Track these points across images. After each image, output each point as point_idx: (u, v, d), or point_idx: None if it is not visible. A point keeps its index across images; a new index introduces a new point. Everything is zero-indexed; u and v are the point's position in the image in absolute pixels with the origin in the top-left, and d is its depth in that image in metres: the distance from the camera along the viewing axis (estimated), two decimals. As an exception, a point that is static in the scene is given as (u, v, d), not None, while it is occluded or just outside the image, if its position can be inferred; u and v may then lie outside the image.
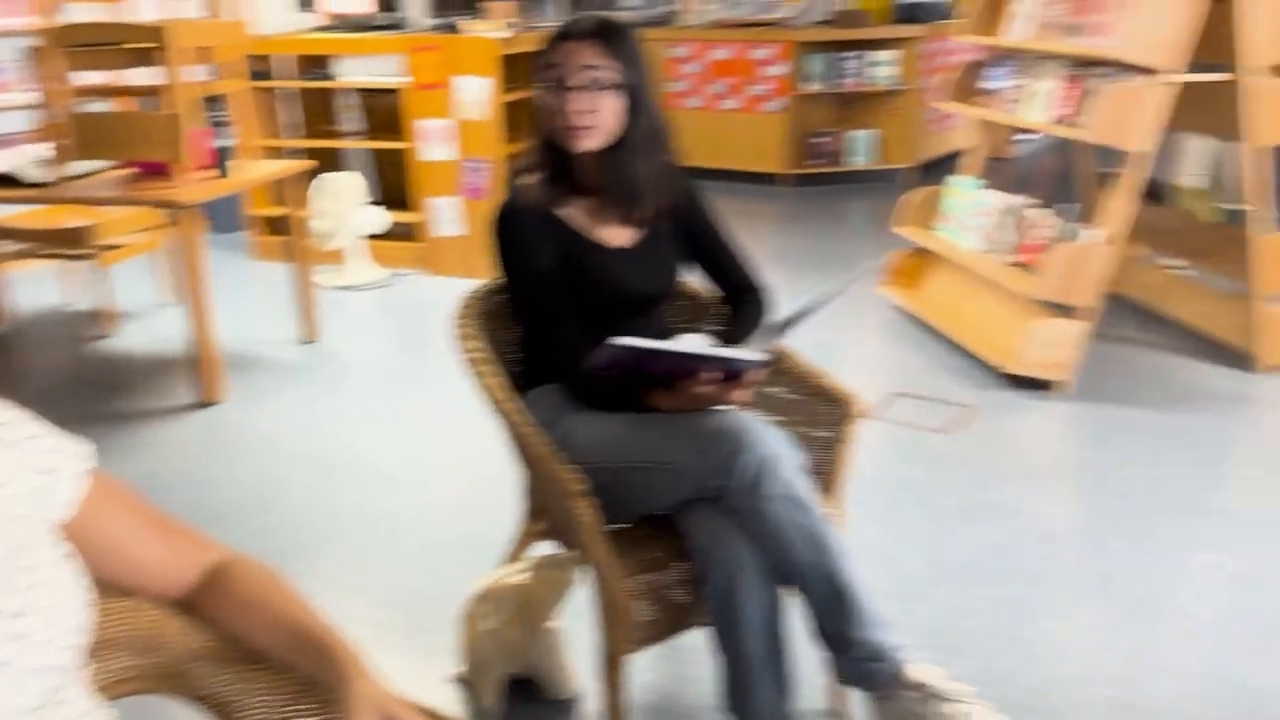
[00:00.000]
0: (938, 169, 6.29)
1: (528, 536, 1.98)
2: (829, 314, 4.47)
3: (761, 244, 5.75)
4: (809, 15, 7.08)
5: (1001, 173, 7.54)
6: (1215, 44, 3.45)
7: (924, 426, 3.35)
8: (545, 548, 1.98)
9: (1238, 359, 3.79)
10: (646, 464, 1.70)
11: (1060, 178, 4.68)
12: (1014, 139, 7.71)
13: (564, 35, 1.78)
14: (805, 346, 1.94)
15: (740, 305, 2.04)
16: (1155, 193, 4.12)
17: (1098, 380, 3.64)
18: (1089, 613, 2.34)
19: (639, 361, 1.68)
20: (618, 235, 1.91)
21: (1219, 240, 3.82)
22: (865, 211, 6.49)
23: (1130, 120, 3.26)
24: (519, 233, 1.83)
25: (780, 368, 2.01)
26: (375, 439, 3.33)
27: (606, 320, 1.83)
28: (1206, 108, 3.68)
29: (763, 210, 6.57)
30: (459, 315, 1.88)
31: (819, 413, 1.97)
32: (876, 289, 4.56)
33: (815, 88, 6.88)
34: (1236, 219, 3.70)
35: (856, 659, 1.63)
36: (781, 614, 1.70)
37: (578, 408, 1.83)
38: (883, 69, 6.84)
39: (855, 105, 7.06)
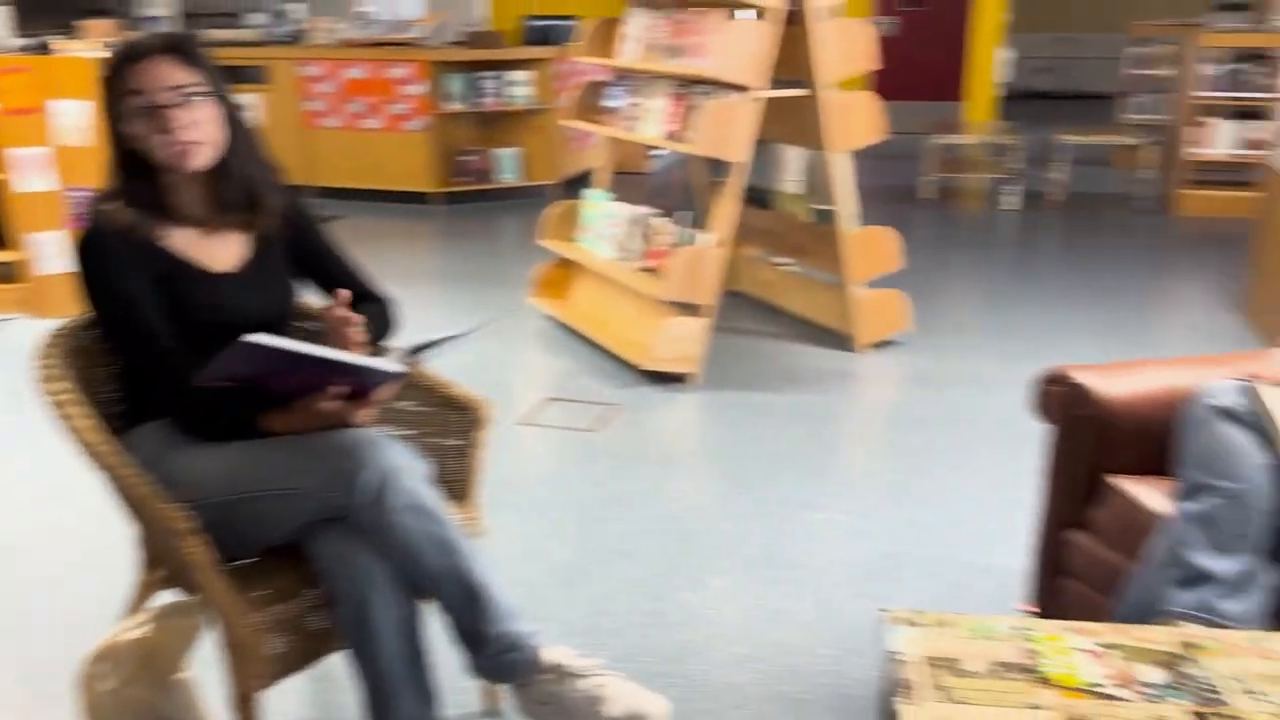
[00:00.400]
0: (582, 183, 6.58)
1: (147, 587, 1.86)
2: (486, 329, 4.56)
3: (417, 263, 5.75)
4: (441, 35, 7.16)
5: (638, 185, 8.06)
6: (795, 64, 3.92)
7: (574, 427, 3.52)
8: (167, 596, 1.87)
9: (839, 341, 4.31)
10: (264, 492, 1.66)
11: (686, 188, 5.08)
12: (650, 153, 8.24)
13: (133, 57, 1.70)
14: (463, 360, 1.98)
15: (365, 308, 2.01)
16: (761, 198, 4.59)
17: (723, 370, 4.00)
18: (721, 579, 2.57)
19: (263, 372, 1.63)
20: (224, 259, 1.85)
21: (815, 238, 4.32)
22: (516, 227, 6.66)
23: (727, 133, 3.61)
24: (106, 260, 1.72)
25: (407, 380, 2.04)
26: (-24, 507, 2.96)
27: (218, 349, 1.77)
28: (792, 120, 4.16)
29: (416, 229, 6.55)
30: (41, 355, 1.73)
31: (450, 422, 2.01)
32: (527, 300, 4.70)
33: (457, 107, 6.96)
34: (827, 218, 4.20)
35: (494, 653, 1.70)
36: (419, 625, 1.72)
37: (185, 442, 1.75)
38: (520, 89, 7.05)
39: (498, 124, 7.23)
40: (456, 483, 1.97)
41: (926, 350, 4.23)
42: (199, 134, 1.72)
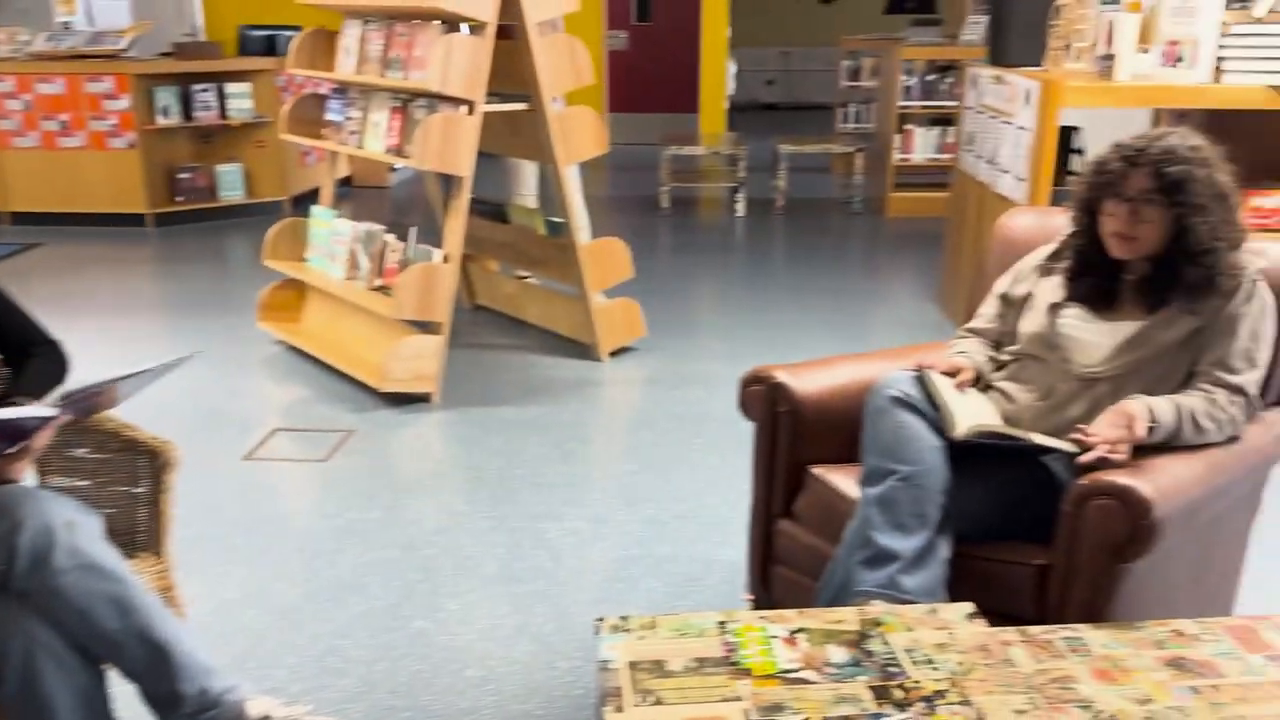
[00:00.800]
0: (313, 199, 6.31)
1: None
2: (207, 357, 4.29)
3: (131, 291, 5.31)
4: (150, 46, 6.67)
5: (381, 199, 7.85)
6: (518, 78, 3.93)
7: (304, 458, 3.36)
8: None
9: (580, 350, 4.36)
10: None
11: (427, 203, 4.98)
12: (392, 167, 8.04)
13: None
14: (182, 394, 1.81)
15: (27, 361, 1.82)
16: (499, 212, 4.57)
17: (464, 387, 3.95)
18: (458, 602, 2.52)
19: None
20: None
21: (551, 250, 4.35)
22: (244, 247, 6.29)
23: (449, 147, 3.57)
24: None
25: (84, 426, 1.86)
26: None
27: None
28: (517, 134, 4.17)
29: (129, 254, 6.05)
30: None
31: (135, 467, 1.86)
32: (257, 325, 4.45)
33: (170, 121, 6.50)
34: (560, 231, 4.24)
35: (191, 714, 1.58)
36: (104, 695, 1.58)
37: None
38: (240, 101, 6.68)
39: (218, 139, 6.81)
40: (146, 532, 1.82)
41: (662, 354, 4.35)
42: None
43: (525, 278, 4.83)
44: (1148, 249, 1.91)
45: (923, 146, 7.07)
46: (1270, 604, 2.45)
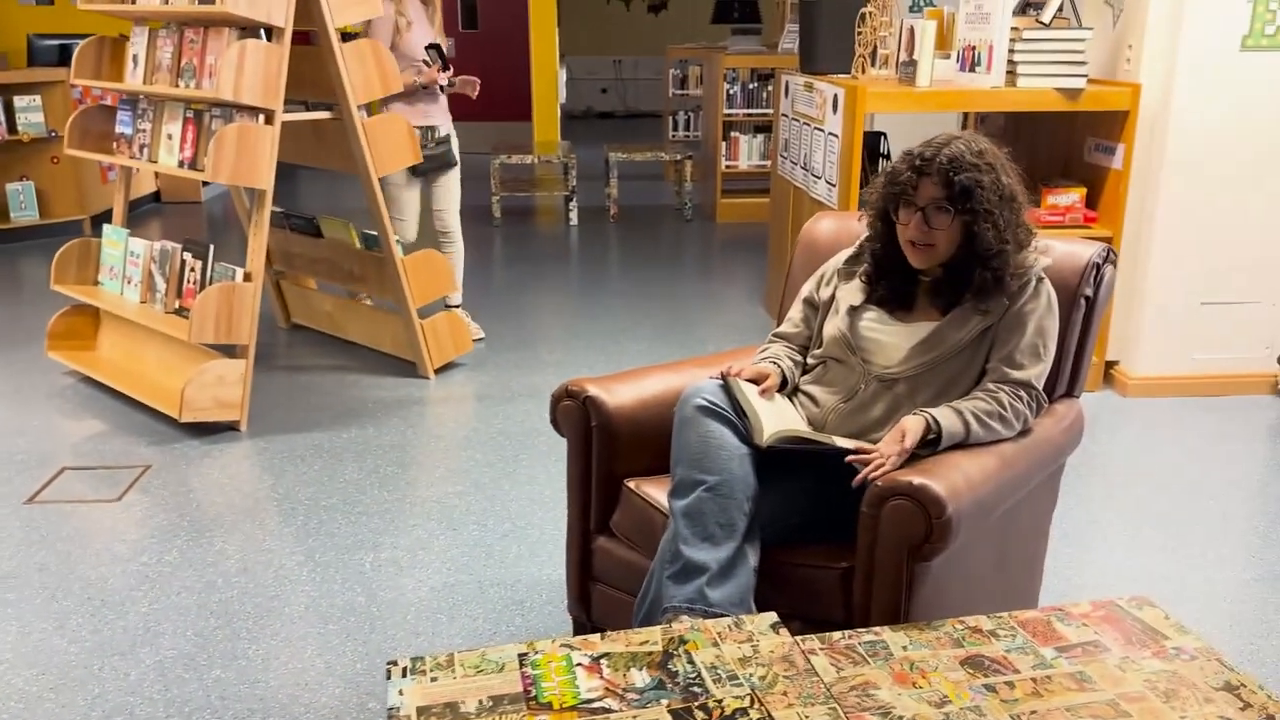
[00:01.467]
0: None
1: None
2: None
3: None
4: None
5: (192, 215, 7.43)
6: (321, 86, 3.75)
7: (94, 499, 3.09)
8: None
9: (405, 368, 4.20)
10: None
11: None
12: (205, 182, 7.61)
13: None
14: None
15: None
16: (312, 226, 4.35)
17: (277, 413, 3.74)
18: (261, 646, 2.35)
19: None
20: None
21: (370, 265, 4.18)
22: (38, 271, 5.81)
23: (245, 159, 3.36)
24: None
25: None
26: None
27: None
28: (324, 144, 3.99)
29: (-97, 284, 5.50)
30: None
31: None
32: (46, 355, 4.10)
33: (-54, 138, 5.95)
34: (376, 244, 4.07)
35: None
36: None
37: None
38: (31, 115, 6.19)
39: (8, 155, 6.28)
40: None
41: (492, 369, 4.24)
42: None
43: (344, 295, 4.64)
44: (943, 255, 1.94)
45: (748, 153, 7.20)
46: (1074, 593, 2.56)
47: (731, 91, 7.14)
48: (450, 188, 4.47)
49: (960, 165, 1.89)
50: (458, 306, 4.53)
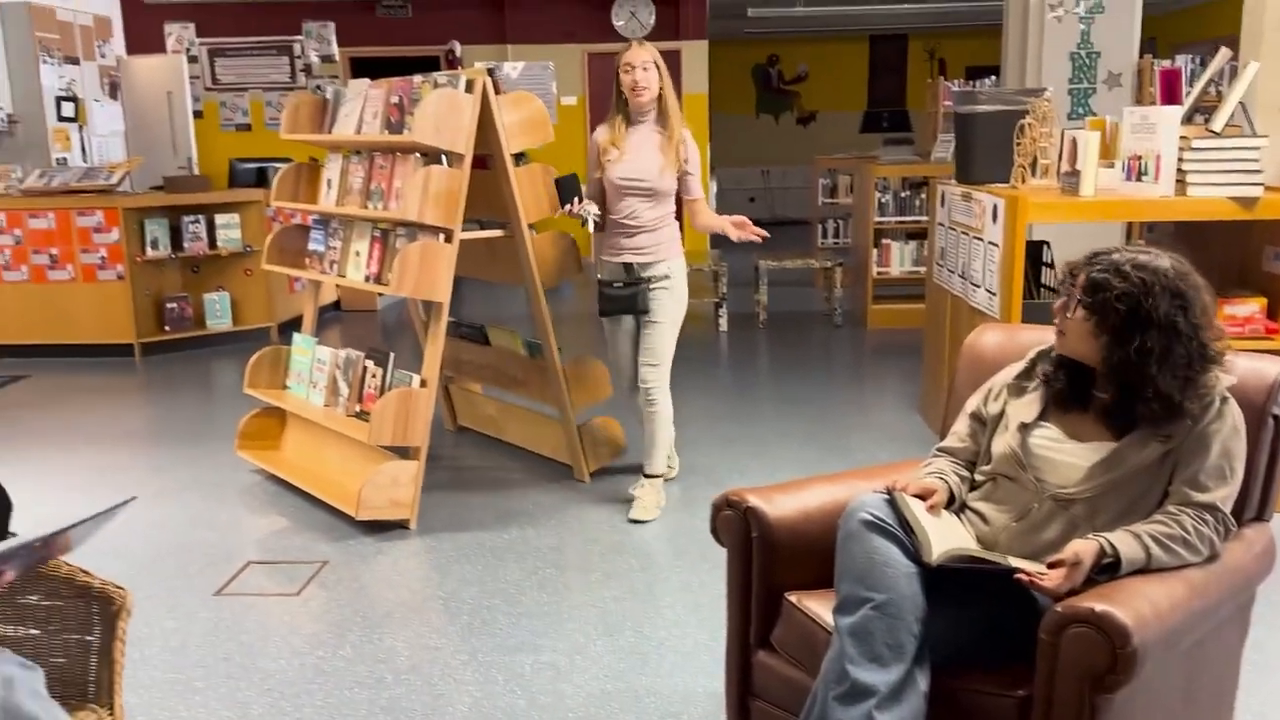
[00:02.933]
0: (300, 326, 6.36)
1: None
2: (185, 487, 4.23)
3: (112, 421, 5.28)
4: (140, 180, 6.81)
5: (369, 324, 7.90)
6: (493, 205, 4.00)
7: (276, 592, 3.28)
8: None
9: (562, 472, 4.32)
10: None
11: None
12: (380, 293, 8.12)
13: None
14: (156, 526, 1.75)
15: None
16: (480, 334, 4.59)
17: (443, 512, 3.89)
18: (428, 744, 2.42)
19: None
20: None
21: (533, 371, 4.35)
22: (231, 374, 6.30)
23: (426, 274, 3.60)
24: None
25: (37, 572, 1.81)
26: None
27: None
28: (495, 259, 4.22)
29: (118, 384, 6.05)
30: None
31: (85, 615, 1.80)
32: (234, 453, 4.41)
33: (159, 253, 6.59)
34: (538, 351, 4.25)
35: None
36: None
37: None
38: (229, 232, 6.79)
39: (207, 268, 6.90)
40: (92, 684, 1.75)
41: (646, 474, 4.31)
42: None
43: (505, 399, 4.83)
44: (1074, 350, 1.94)
45: (900, 260, 7.18)
46: (1269, 726, 2.37)
47: (883, 199, 7.18)
48: (652, 337, 3.79)
49: (1108, 273, 1.88)
50: (658, 477, 3.93)
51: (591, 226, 3.76)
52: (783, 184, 14.43)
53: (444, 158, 3.76)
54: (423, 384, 3.72)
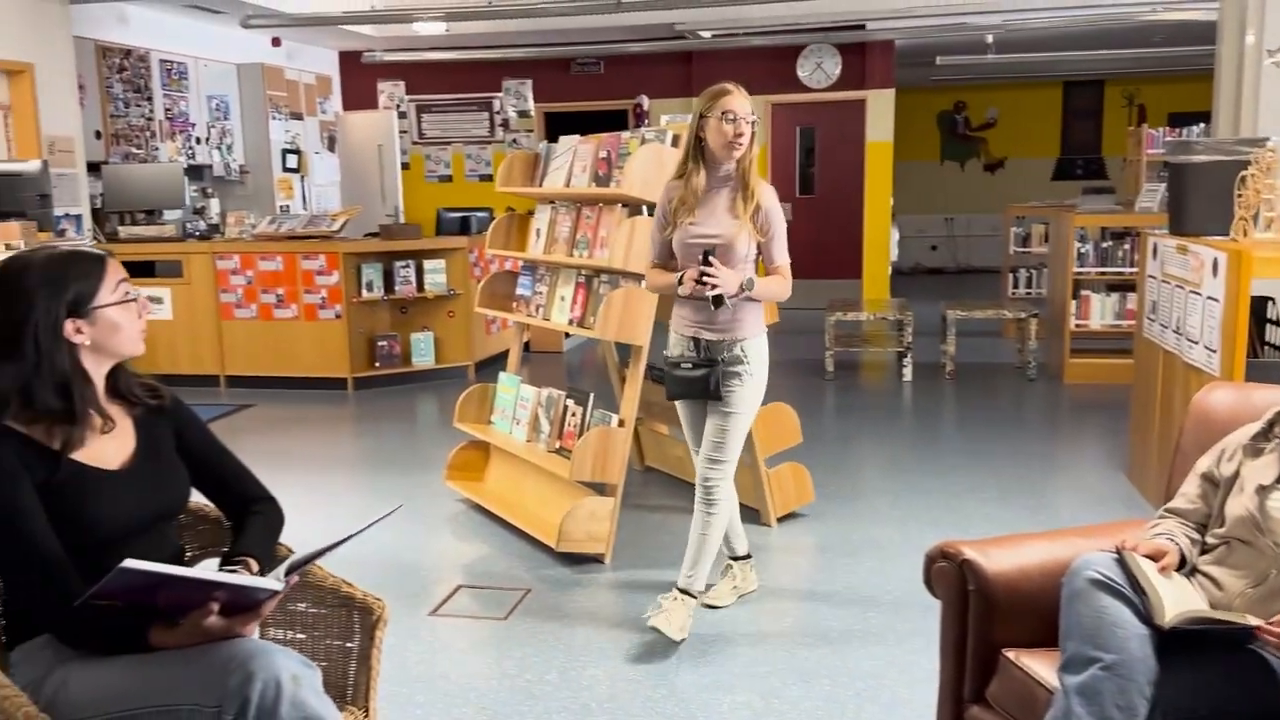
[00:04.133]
0: (495, 364, 6.71)
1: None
2: (401, 515, 4.52)
3: (331, 448, 5.71)
4: (356, 228, 7.36)
5: (556, 364, 8.21)
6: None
7: (485, 615, 3.46)
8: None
9: (748, 515, 4.36)
10: (151, 708, 1.61)
11: (602, 368, 5.19)
12: (566, 334, 8.45)
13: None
14: (377, 546, 1.94)
15: (250, 516, 2.01)
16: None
17: (635, 548, 4.01)
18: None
19: (148, 590, 1.61)
20: (114, 456, 1.84)
21: (722, 414, 4.44)
22: (431, 408, 6.69)
23: (629, 319, 3.76)
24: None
25: (305, 581, 2.02)
26: None
27: (108, 548, 1.75)
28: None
29: (336, 414, 6.53)
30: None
31: (348, 623, 1.99)
32: (444, 483, 4.69)
33: (373, 295, 7.09)
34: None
35: None
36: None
37: (71, 657, 1.70)
38: (434, 276, 7.24)
39: (414, 310, 7.37)
40: (351, 687, 1.93)
41: (832, 520, 4.31)
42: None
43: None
44: None
45: (1101, 312, 6.90)
46: None
47: (1083, 249, 6.94)
48: (721, 429, 3.19)
49: None
50: (745, 558, 3.58)
51: (713, 304, 3.03)
52: (967, 232, 14.09)
53: (644, 208, 3.93)
54: (620, 423, 3.87)
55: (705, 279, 2.97)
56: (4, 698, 1.53)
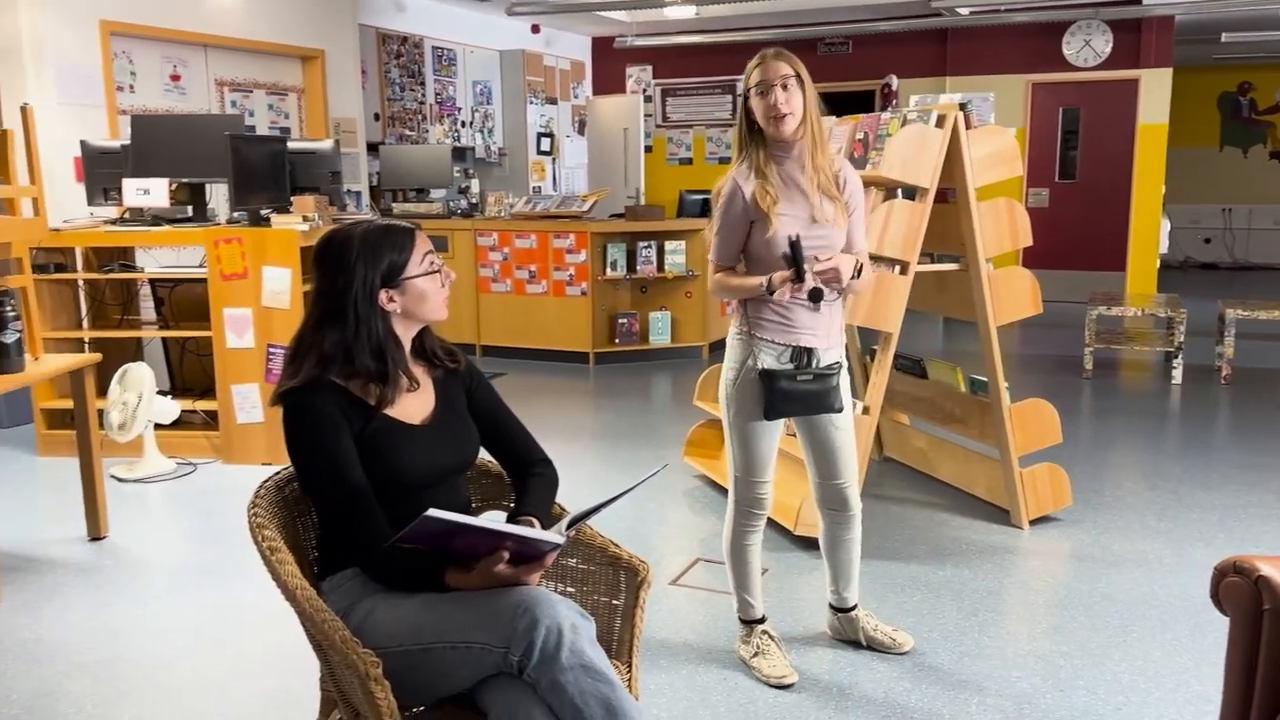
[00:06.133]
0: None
1: (326, 726, 1.97)
2: (641, 487, 4.67)
3: (575, 419, 5.97)
4: (603, 209, 7.62)
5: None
6: (948, 239, 4.01)
7: (724, 590, 3.52)
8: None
9: (995, 514, 4.20)
10: (445, 644, 1.76)
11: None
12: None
13: None
14: (619, 516, 2.04)
15: (531, 477, 2.14)
16: (917, 367, 4.61)
17: (872, 540, 3.94)
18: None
19: (446, 536, 1.76)
20: (417, 412, 2.01)
21: (973, 408, 4.29)
22: (666, 386, 6.85)
23: (880, 305, 3.70)
24: (318, 421, 1.89)
25: (577, 539, 2.14)
26: (171, 637, 3.18)
27: (408, 495, 1.92)
28: (947, 292, 4.22)
29: (577, 387, 6.82)
30: (253, 503, 1.92)
31: (614, 581, 2.09)
32: (682, 458, 4.80)
33: (616, 274, 7.33)
34: (983, 389, 4.19)
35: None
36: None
37: (376, 591, 1.88)
38: (675, 257, 7.38)
39: (654, 289, 7.55)
40: (618, 641, 2.02)
41: (1089, 528, 4.07)
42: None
43: (937, 433, 4.78)
44: None
45: None
46: None
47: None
48: (846, 447, 2.90)
49: None
50: (854, 609, 3.11)
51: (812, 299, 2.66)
52: (1247, 224, 12.82)
53: (899, 191, 3.84)
54: (865, 411, 3.81)
55: (817, 273, 2.56)
56: (324, 621, 1.72)
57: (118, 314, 5.49)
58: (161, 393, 5.05)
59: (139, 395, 4.70)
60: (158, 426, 4.92)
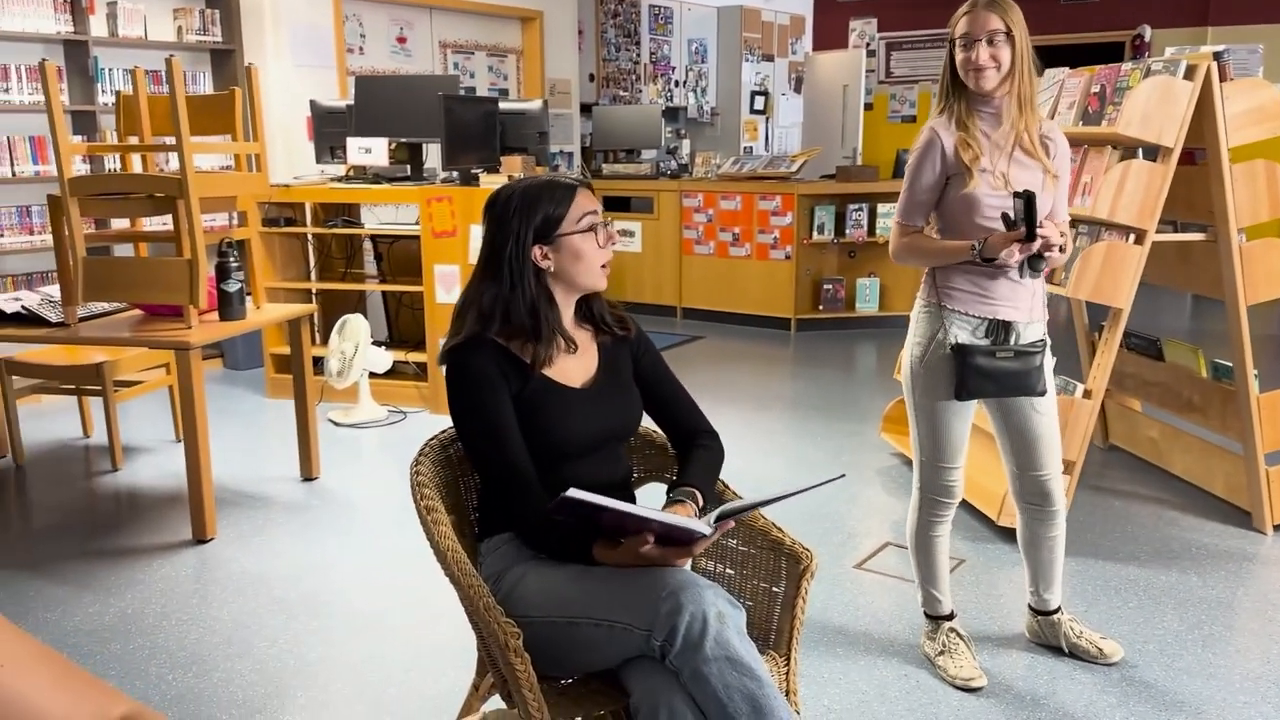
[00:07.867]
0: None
1: (479, 690, 1.97)
2: (830, 460, 4.49)
3: (770, 387, 5.83)
4: (813, 169, 7.35)
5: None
6: (1190, 205, 3.56)
7: (910, 579, 3.31)
8: (497, 702, 1.97)
9: (1233, 516, 3.74)
10: (591, 620, 1.70)
11: (1070, 330, 4.70)
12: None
13: None
14: (805, 495, 1.89)
15: (695, 448, 2.04)
16: (1152, 348, 4.16)
17: (1090, 535, 3.61)
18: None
19: (594, 511, 1.70)
20: (578, 375, 1.96)
21: (1214, 396, 3.83)
22: (871, 357, 6.57)
23: (1108, 277, 3.33)
24: (479, 382, 1.86)
25: (739, 520, 2.03)
26: (366, 579, 3.33)
27: (567, 460, 1.88)
28: (1186, 266, 3.76)
29: (776, 354, 6.67)
30: (416, 460, 1.93)
31: (775, 568, 1.97)
32: (878, 434, 4.58)
33: (823, 238, 7.07)
34: (1228, 375, 3.72)
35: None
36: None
37: (529, 557, 1.85)
38: (887, 220, 7.03)
39: (863, 255, 7.24)
40: (776, 630, 1.90)
41: (1354, 541, 3.55)
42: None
43: (1170, 422, 4.31)
44: None
45: None
46: None
47: None
48: (1052, 433, 2.64)
49: None
50: (1055, 612, 2.83)
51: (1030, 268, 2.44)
52: None
53: (1139, 151, 3.43)
54: (1087, 394, 3.46)
55: (1037, 235, 2.28)
56: (470, 586, 1.70)
57: (342, 267, 5.81)
58: (379, 343, 5.32)
59: (355, 345, 4.96)
60: (372, 375, 5.18)
